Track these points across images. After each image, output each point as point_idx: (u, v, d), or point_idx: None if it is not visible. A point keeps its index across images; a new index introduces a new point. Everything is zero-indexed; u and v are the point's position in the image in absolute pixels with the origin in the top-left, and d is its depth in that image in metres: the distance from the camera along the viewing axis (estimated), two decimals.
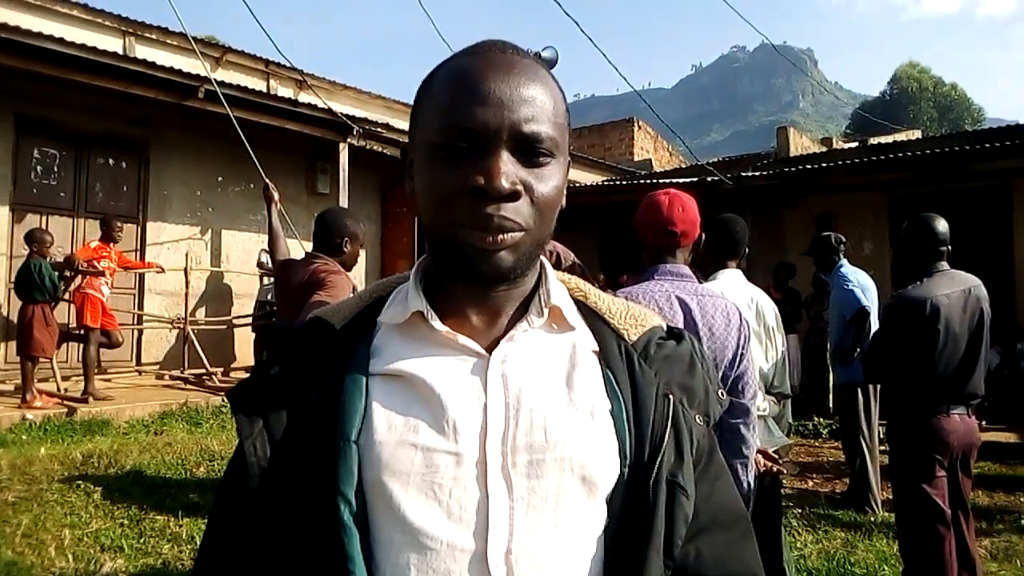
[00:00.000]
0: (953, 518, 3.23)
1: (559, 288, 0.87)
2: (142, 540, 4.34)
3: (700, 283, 2.43)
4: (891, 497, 3.87)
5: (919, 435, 3.25)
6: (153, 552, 4.19)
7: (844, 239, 5.78)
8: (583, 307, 0.90)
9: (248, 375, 0.89)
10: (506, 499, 0.74)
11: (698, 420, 0.86)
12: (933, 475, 3.21)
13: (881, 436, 5.58)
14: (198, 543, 4.23)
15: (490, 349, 0.80)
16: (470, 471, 0.75)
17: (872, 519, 5.18)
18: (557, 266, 2.26)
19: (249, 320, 10.25)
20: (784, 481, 4.35)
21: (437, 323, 0.80)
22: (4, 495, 4.91)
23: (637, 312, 0.91)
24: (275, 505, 0.76)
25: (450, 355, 0.80)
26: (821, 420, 8.43)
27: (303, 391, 0.79)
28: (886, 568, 4.14)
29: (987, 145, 9.21)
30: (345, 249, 3.45)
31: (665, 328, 0.92)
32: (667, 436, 0.81)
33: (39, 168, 8.85)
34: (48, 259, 7.44)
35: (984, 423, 7.01)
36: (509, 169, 0.75)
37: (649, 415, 0.82)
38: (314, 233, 3.51)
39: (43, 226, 8.32)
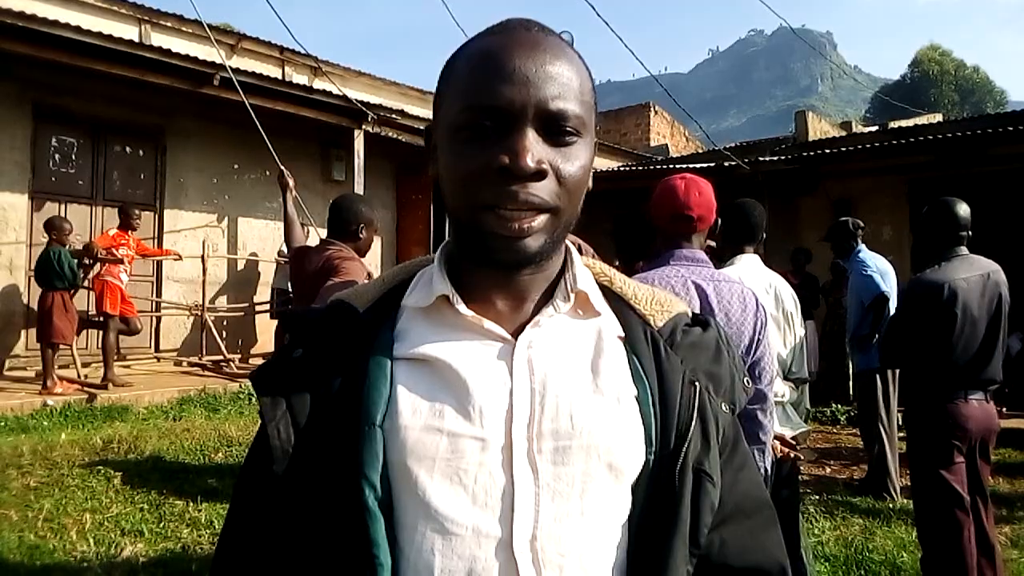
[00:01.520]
0: (972, 504, 3.20)
1: (585, 273, 0.86)
2: (162, 524, 4.39)
3: (715, 268, 2.41)
4: (909, 484, 3.85)
5: (937, 421, 3.22)
6: (173, 536, 4.24)
7: (862, 224, 5.71)
8: (608, 292, 0.89)
9: (269, 358, 0.88)
10: (532, 485, 0.74)
11: (724, 408, 0.85)
12: (951, 461, 3.18)
13: (900, 422, 5.54)
14: (217, 527, 4.30)
15: (516, 334, 0.79)
16: (495, 457, 0.74)
17: (890, 506, 5.15)
18: None
19: (265, 308, 10.32)
20: (802, 467, 4.33)
21: (463, 307, 0.79)
22: (26, 480, 4.98)
23: (663, 298, 0.90)
24: (299, 489, 0.76)
25: (475, 340, 0.79)
26: (839, 407, 8.39)
27: (326, 374, 0.79)
28: (904, 555, 4.12)
29: (1009, 128, 9.07)
30: (360, 235, 3.45)
31: (691, 315, 0.91)
32: (693, 424, 0.80)
33: (57, 156, 8.91)
34: (67, 247, 7.51)
35: (1005, 410, 6.94)
36: (535, 148, 0.73)
37: (675, 402, 0.81)
38: (328, 220, 3.51)
39: (62, 214, 8.39)
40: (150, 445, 5.80)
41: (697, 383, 0.83)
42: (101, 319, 7.86)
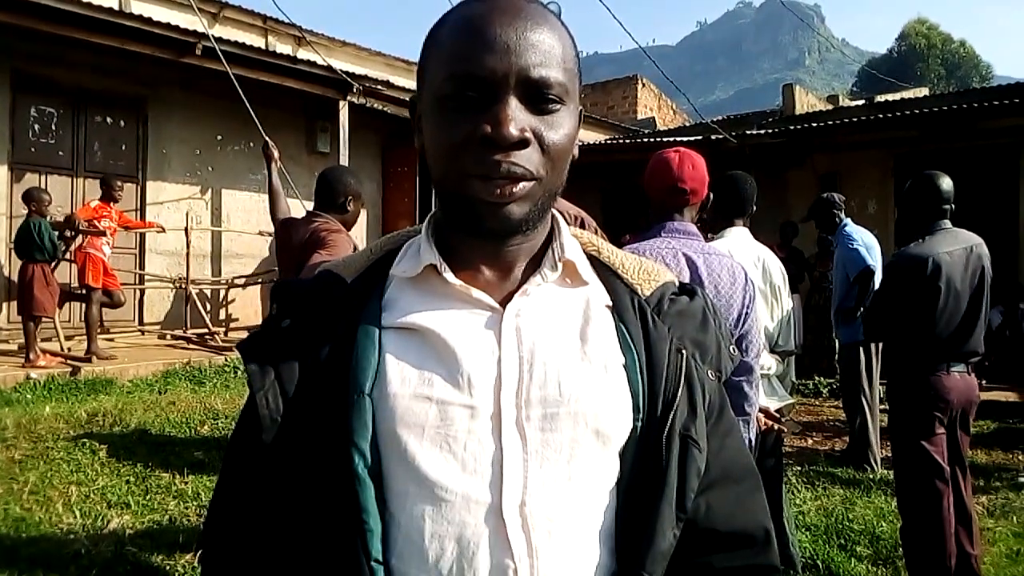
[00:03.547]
0: (951, 475, 3.25)
1: (572, 243, 0.86)
2: (148, 497, 4.39)
3: (706, 242, 2.43)
4: (890, 455, 3.91)
5: (919, 392, 3.26)
6: (159, 508, 4.24)
7: (844, 198, 5.76)
8: (596, 262, 0.89)
9: (258, 328, 0.88)
10: (520, 452, 0.75)
11: (710, 375, 0.87)
12: (933, 432, 3.22)
13: (881, 395, 5.61)
14: (204, 499, 4.31)
15: (504, 303, 0.80)
16: (484, 424, 0.75)
17: (871, 476, 5.23)
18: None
19: (248, 280, 10.28)
20: (786, 439, 4.39)
21: (451, 276, 0.79)
22: (11, 453, 4.95)
23: (650, 267, 0.91)
24: (288, 457, 0.76)
25: (464, 309, 0.79)
26: (822, 379, 8.48)
27: (315, 344, 0.79)
28: (884, 524, 4.19)
29: (995, 103, 9.10)
30: (348, 208, 3.43)
31: (678, 284, 0.91)
32: (680, 391, 0.81)
33: (37, 127, 8.76)
34: (47, 218, 7.41)
35: (985, 382, 7.05)
36: (518, 116, 0.73)
37: (662, 370, 0.81)
38: (316, 191, 3.49)
39: (42, 185, 8.27)
40: (135, 418, 5.78)
41: (684, 351, 0.84)
42: (84, 292, 7.79)
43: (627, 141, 12.94)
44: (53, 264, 7.46)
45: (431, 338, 0.77)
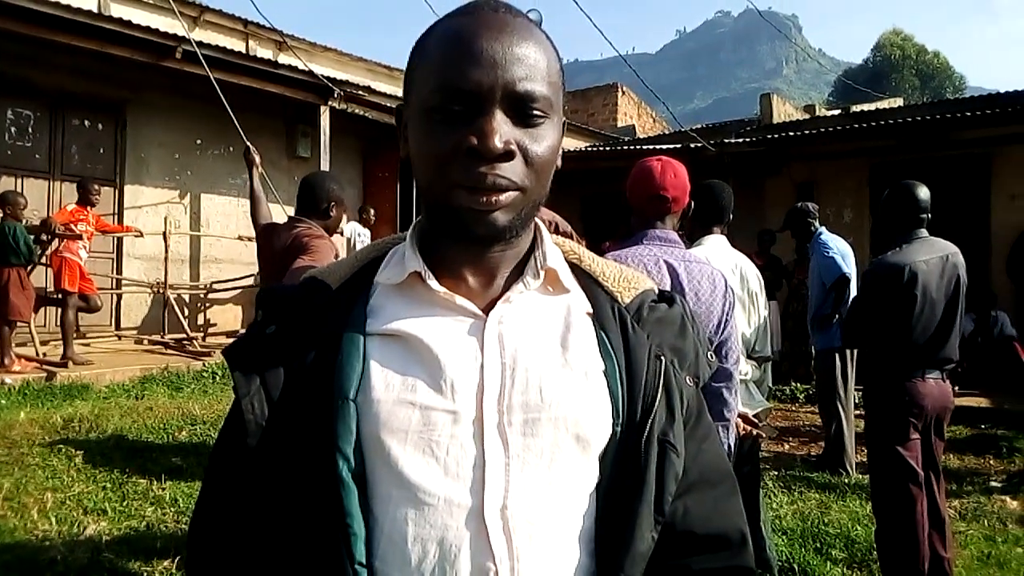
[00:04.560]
0: (925, 479, 3.30)
1: (554, 251, 0.88)
2: (125, 503, 4.35)
3: (687, 249, 2.46)
4: (865, 460, 3.96)
5: (895, 399, 3.31)
6: (136, 514, 4.20)
7: (817, 206, 5.84)
8: (577, 270, 0.91)
9: (243, 334, 0.89)
10: (502, 456, 0.76)
11: (688, 381, 0.88)
12: (907, 438, 3.27)
13: (857, 401, 5.68)
14: (181, 506, 4.26)
15: (487, 310, 0.81)
16: (467, 429, 0.76)
17: (846, 481, 5.29)
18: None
19: (227, 285, 10.21)
20: (762, 444, 4.43)
21: (434, 284, 0.80)
22: None
23: (630, 275, 0.93)
24: (273, 462, 0.77)
25: (447, 315, 0.81)
26: (798, 385, 8.56)
27: (300, 350, 0.80)
28: (859, 528, 4.24)
29: (968, 114, 9.27)
30: (331, 214, 3.43)
31: (657, 291, 0.93)
32: (659, 396, 0.83)
33: (13, 129, 8.66)
34: (23, 222, 7.32)
35: (958, 388, 7.15)
36: (503, 129, 0.74)
37: (641, 376, 0.83)
38: (298, 197, 3.48)
39: (18, 188, 8.17)
40: (112, 424, 5.72)
41: (663, 357, 0.86)
42: (60, 296, 7.70)
43: (607, 149, 13.00)
44: (29, 268, 7.36)
45: (415, 344, 0.78)
